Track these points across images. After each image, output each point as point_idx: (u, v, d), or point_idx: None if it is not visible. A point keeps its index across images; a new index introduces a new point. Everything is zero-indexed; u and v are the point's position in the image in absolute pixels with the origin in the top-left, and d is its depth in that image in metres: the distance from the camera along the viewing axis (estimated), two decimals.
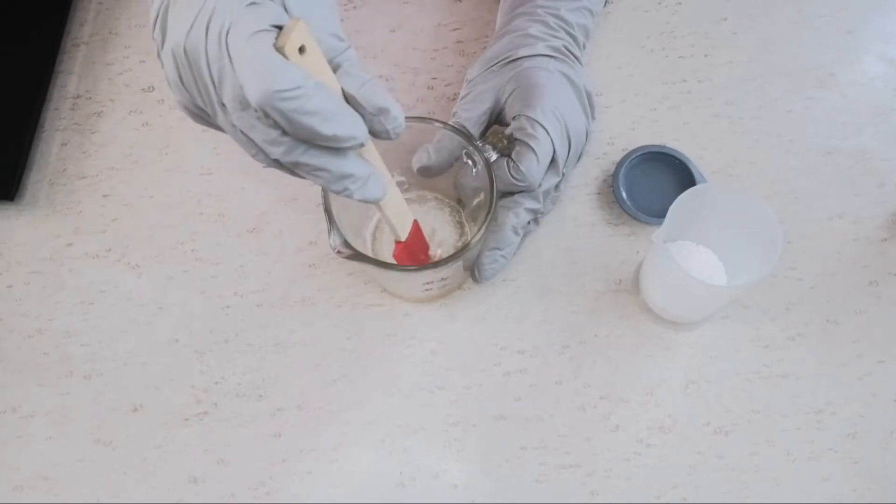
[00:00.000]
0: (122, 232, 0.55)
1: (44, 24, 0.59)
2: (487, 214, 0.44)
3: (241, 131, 0.32)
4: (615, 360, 0.51)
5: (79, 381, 0.52)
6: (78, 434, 0.51)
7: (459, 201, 0.52)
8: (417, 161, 0.48)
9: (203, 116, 0.35)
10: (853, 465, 0.48)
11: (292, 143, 0.32)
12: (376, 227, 0.53)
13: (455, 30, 0.59)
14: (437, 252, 0.51)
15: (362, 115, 0.33)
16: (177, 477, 0.49)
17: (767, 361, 0.50)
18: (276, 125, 0.31)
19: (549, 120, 0.47)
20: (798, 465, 0.48)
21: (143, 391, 0.51)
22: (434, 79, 0.58)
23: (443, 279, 0.47)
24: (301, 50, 0.30)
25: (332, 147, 0.33)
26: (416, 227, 0.44)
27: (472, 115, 0.50)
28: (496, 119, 0.51)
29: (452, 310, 0.52)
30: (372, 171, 0.35)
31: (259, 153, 0.33)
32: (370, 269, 0.45)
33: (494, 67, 0.51)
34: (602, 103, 0.56)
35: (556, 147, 0.48)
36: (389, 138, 0.35)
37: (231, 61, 0.30)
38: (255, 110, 0.31)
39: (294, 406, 0.50)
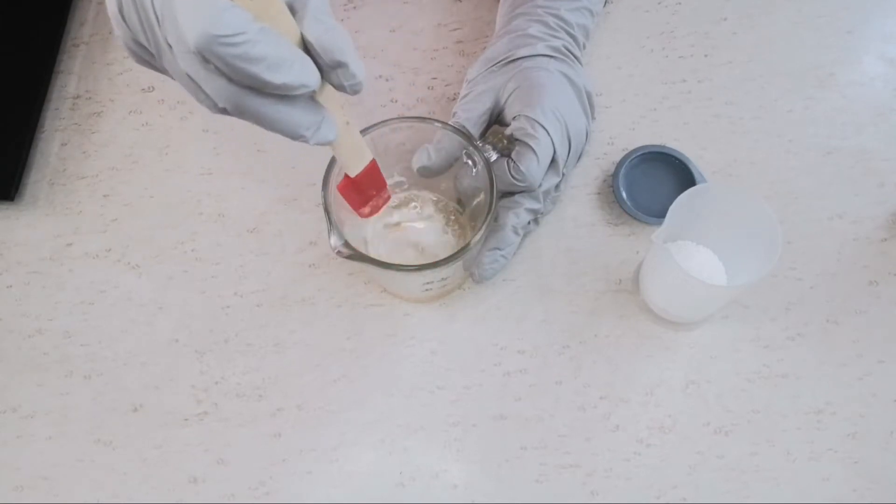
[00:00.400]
0: (122, 232, 0.55)
1: (44, 24, 0.59)
2: (487, 214, 0.44)
3: (188, 75, 0.30)
4: (615, 360, 0.51)
5: (79, 381, 0.52)
6: (78, 434, 0.51)
7: (459, 201, 0.52)
8: (417, 161, 0.48)
9: (145, 56, 0.32)
10: (853, 465, 0.48)
11: (239, 90, 0.30)
12: (376, 227, 0.52)
13: (455, 30, 0.59)
14: (435, 252, 0.51)
15: (319, 66, 0.31)
16: (177, 477, 0.49)
17: (767, 361, 0.50)
18: (219, 71, 0.29)
19: (550, 120, 0.47)
20: (798, 465, 0.48)
21: (143, 391, 0.51)
22: (434, 79, 0.58)
23: (443, 279, 0.47)
24: None
25: (282, 95, 0.30)
26: (373, 166, 0.42)
27: (472, 115, 0.50)
28: (496, 119, 0.51)
29: (452, 310, 0.52)
30: (324, 115, 0.33)
31: (207, 99, 0.31)
32: (370, 269, 0.45)
33: (494, 67, 0.51)
34: (602, 103, 0.56)
35: (557, 147, 0.48)
36: (347, 93, 0.33)
37: None
38: (195, 54, 0.28)
39: (294, 406, 0.50)
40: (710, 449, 0.48)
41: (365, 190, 0.44)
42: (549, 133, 0.47)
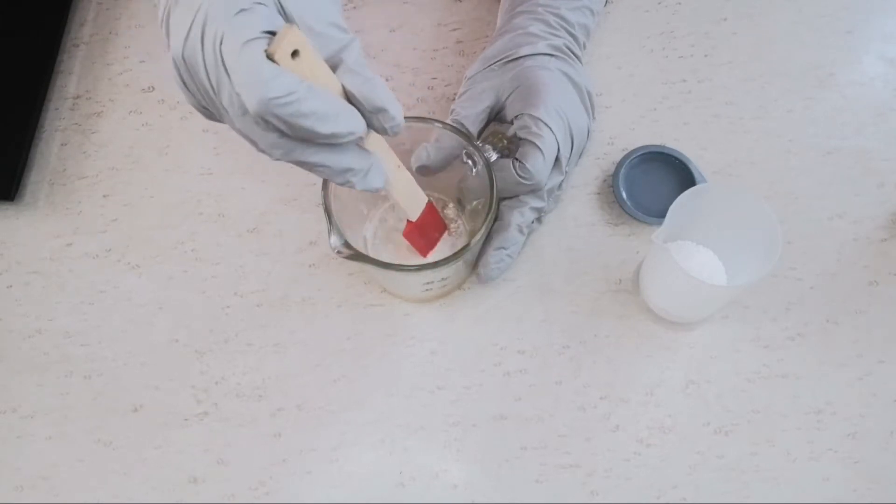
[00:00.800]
0: (122, 232, 0.55)
1: (44, 24, 0.59)
2: (487, 214, 0.44)
3: (244, 133, 0.34)
4: (615, 360, 0.51)
5: (79, 381, 0.52)
6: (78, 434, 0.51)
7: (459, 201, 0.52)
8: (416, 160, 0.48)
9: (213, 117, 0.36)
10: (853, 465, 0.48)
11: (291, 143, 0.33)
12: (376, 227, 0.53)
13: (455, 30, 0.59)
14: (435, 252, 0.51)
15: (361, 112, 0.34)
16: (177, 477, 0.49)
17: (767, 361, 0.50)
18: (274, 128, 0.32)
19: (553, 118, 0.48)
20: (798, 465, 0.48)
21: (143, 391, 0.51)
22: (434, 79, 0.58)
23: (443, 279, 0.47)
24: (294, 54, 0.31)
25: (332, 143, 0.33)
26: (430, 208, 0.44)
27: (470, 112, 0.50)
28: (495, 117, 0.51)
29: (452, 310, 0.52)
30: (372, 162, 0.36)
31: (264, 150, 0.34)
32: (370, 269, 0.45)
33: (495, 66, 0.51)
34: (602, 103, 0.56)
35: (560, 145, 0.48)
36: (388, 135, 0.36)
37: (227, 71, 0.31)
38: (255, 116, 0.31)
39: (294, 406, 0.50)
40: (710, 449, 0.48)
41: (429, 233, 0.46)
42: (553, 131, 0.47)
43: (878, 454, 0.48)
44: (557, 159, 0.49)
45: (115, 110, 0.58)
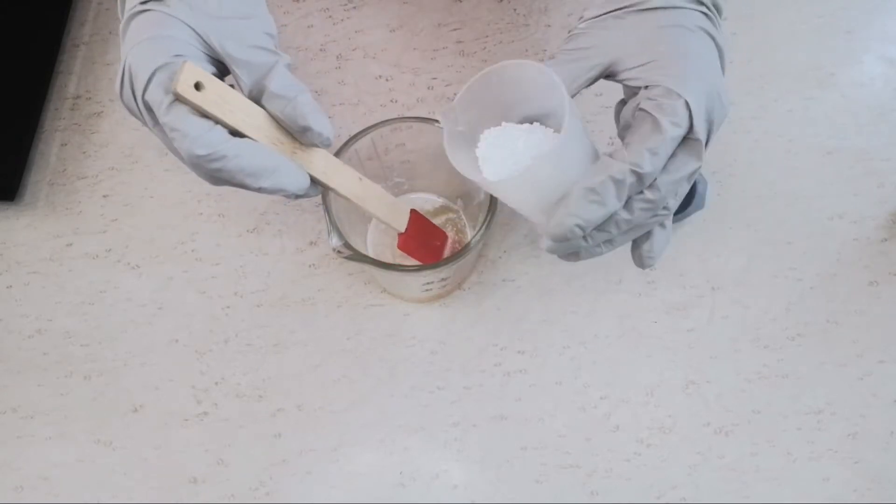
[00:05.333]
0: (122, 232, 0.55)
1: (44, 24, 0.59)
2: (488, 214, 0.44)
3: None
4: (615, 360, 0.51)
5: (79, 381, 0.52)
6: (78, 434, 0.51)
7: (459, 201, 0.52)
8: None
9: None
10: (853, 465, 0.48)
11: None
12: (377, 228, 0.53)
13: (455, 30, 0.59)
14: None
15: (291, 130, 0.36)
16: (177, 477, 0.49)
17: (767, 361, 0.50)
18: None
19: (697, 94, 0.35)
20: (798, 465, 0.48)
21: (143, 391, 0.51)
22: (434, 79, 0.58)
23: (443, 279, 0.47)
24: (198, 86, 0.32)
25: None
26: (416, 217, 0.44)
27: (571, 69, 0.38)
28: (604, 77, 0.40)
29: (452, 310, 0.52)
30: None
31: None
32: (370, 269, 0.45)
33: (619, 13, 0.38)
34: (602, 103, 0.56)
35: (696, 121, 0.35)
36: (322, 147, 0.37)
37: (158, 121, 0.34)
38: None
39: (294, 406, 0.50)
40: (711, 449, 0.48)
41: (427, 242, 0.45)
42: (690, 110, 0.35)
43: (878, 454, 0.48)
44: (689, 139, 0.36)
45: (115, 110, 0.58)
